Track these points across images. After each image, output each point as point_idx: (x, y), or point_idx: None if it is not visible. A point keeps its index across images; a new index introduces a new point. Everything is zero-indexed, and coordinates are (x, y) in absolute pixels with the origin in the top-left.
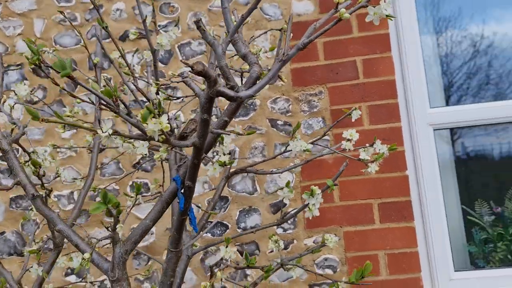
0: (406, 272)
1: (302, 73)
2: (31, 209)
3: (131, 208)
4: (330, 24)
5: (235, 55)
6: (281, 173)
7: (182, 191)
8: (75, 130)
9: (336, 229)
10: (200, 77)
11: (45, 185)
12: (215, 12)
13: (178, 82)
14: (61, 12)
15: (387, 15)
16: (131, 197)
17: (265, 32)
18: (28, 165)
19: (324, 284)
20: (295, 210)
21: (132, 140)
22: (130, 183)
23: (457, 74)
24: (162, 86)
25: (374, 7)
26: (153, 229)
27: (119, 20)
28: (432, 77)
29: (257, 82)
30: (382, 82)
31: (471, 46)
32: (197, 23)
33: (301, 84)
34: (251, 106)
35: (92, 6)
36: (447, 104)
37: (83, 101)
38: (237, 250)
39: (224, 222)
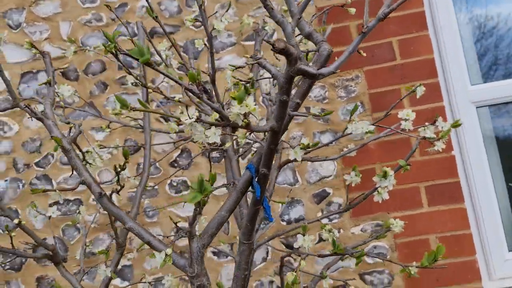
0: (459, 255)
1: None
2: (78, 213)
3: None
4: None
5: (299, 34)
6: (336, 159)
7: (256, 179)
8: (108, 132)
9: (383, 216)
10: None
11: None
12: (243, 2)
13: (252, 64)
14: (107, 6)
15: None
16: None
17: (329, 8)
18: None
19: (375, 272)
20: (363, 194)
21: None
22: (169, 181)
23: (494, 50)
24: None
25: None
26: None
27: (146, 17)
28: (467, 54)
29: (329, 59)
30: (421, 61)
31: (503, 21)
32: (264, 1)
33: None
34: None
35: (117, 5)
36: (485, 81)
37: (161, 93)
38: (282, 242)
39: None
